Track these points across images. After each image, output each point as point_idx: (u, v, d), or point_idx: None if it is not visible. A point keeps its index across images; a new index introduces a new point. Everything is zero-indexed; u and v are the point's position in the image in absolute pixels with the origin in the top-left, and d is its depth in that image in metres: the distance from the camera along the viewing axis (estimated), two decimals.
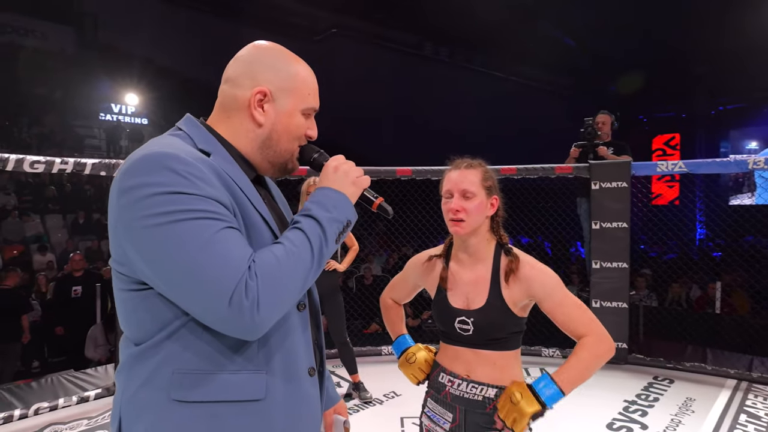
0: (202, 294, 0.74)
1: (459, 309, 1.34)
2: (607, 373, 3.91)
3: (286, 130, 0.93)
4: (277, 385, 0.85)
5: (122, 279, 0.82)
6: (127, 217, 0.76)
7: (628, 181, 4.06)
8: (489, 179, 1.35)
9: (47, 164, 2.96)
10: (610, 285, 4.08)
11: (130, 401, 0.81)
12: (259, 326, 0.77)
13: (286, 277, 0.79)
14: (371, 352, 4.37)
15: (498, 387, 1.31)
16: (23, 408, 3.02)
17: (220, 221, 0.77)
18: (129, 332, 0.84)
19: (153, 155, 0.77)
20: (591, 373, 1.25)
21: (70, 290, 5.33)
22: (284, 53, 0.95)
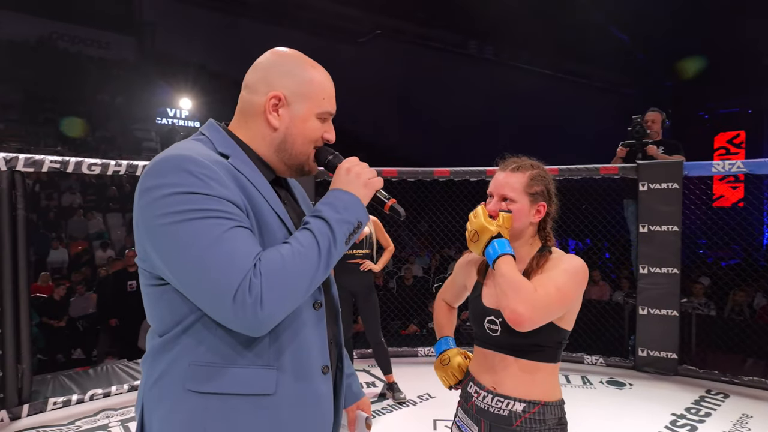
0: (208, 290, 0.78)
1: (490, 308, 1.28)
2: (655, 384, 3.73)
3: (301, 133, 0.95)
4: (287, 382, 0.87)
5: (145, 275, 0.88)
6: (146, 216, 0.81)
7: (679, 182, 3.84)
8: (537, 184, 1.27)
9: (103, 166, 3.17)
10: (659, 291, 3.88)
11: (151, 390, 0.87)
12: (263, 323, 0.80)
13: (291, 276, 0.81)
14: (408, 353, 4.37)
15: (527, 401, 1.22)
16: (80, 393, 3.25)
17: (231, 220, 0.80)
18: (153, 324, 0.90)
19: (170, 158, 0.82)
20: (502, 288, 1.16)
21: (126, 284, 5.66)
22: (300, 59, 0.97)
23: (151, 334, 0.90)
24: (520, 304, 1.13)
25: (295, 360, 0.89)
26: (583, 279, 1.24)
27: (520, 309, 1.13)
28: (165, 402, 0.85)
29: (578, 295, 1.24)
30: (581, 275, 1.23)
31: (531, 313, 1.12)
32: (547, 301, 1.15)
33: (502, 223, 1.23)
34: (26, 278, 2.96)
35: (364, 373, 3.92)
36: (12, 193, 2.88)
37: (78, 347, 6.02)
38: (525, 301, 1.14)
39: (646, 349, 3.92)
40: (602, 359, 4.10)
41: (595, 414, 3.18)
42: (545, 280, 1.20)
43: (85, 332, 6.12)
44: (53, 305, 6.09)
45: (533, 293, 1.15)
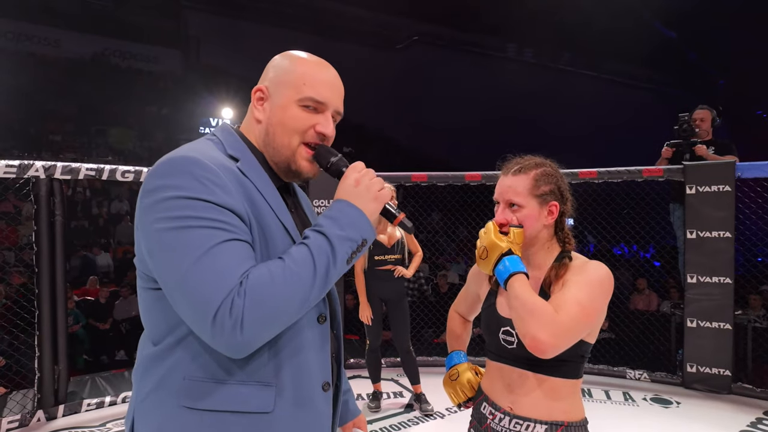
0: (189, 306, 0.74)
1: (505, 317, 1.19)
2: (707, 403, 3.44)
3: (281, 122, 0.89)
4: (286, 399, 0.83)
5: (142, 276, 0.84)
6: (144, 218, 0.78)
7: (731, 184, 3.55)
8: (544, 184, 1.16)
9: (136, 173, 3.26)
10: (710, 303, 3.59)
11: (143, 403, 0.83)
12: (243, 346, 0.74)
13: (278, 297, 0.75)
14: (438, 362, 4.25)
15: (549, 423, 1.12)
16: (114, 395, 3.34)
17: (227, 231, 0.76)
18: (147, 329, 0.86)
19: (176, 159, 0.79)
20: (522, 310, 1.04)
21: None
22: (294, 54, 0.93)
23: (144, 342, 0.87)
24: (540, 330, 1.02)
25: (295, 377, 0.85)
26: (608, 289, 1.12)
27: (541, 336, 1.02)
28: (156, 417, 0.81)
29: (604, 307, 1.12)
30: (606, 285, 1.12)
31: (554, 339, 1.02)
32: (571, 323, 1.04)
33: (514, 239, 1.14)
34: (63, 282, 3.07)
35: (392, 383, 3.84)
36: (51, 200, 3.01)
37: (121, 349, 6.27)
38: (545, 326, 1.03)
39: (695, 365, 3.63)
40: (647, 374, 3.83)
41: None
42: (566, 297, 1.08)
43: (128, 334, 6.35)
44: (99, 308, 6.37)
45: (554, 317, 1.04)
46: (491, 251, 1.14)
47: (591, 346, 1.15)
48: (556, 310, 1.05)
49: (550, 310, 1.05)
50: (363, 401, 3.45)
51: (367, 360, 3.36)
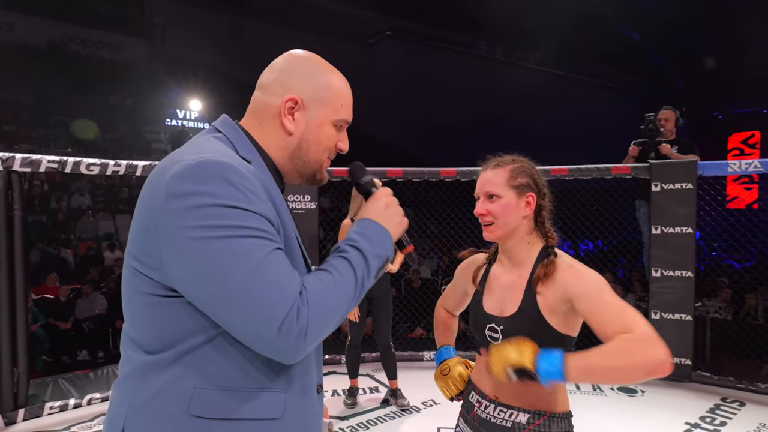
0: (251, 316, 0.72)
1: (491, 315, 1.23)
2: (669, 391, 3.59)
3: (316, 140, 0.91)
4: (293, 404, 0.84)
5: (147, 282, 0.79)
6: (174, 224, 0.73)
7: (693, 182, 3.71)
8: (520, 176, 1.22)
9: (102, 166, 3.13)
10: (672, 295, 3.74)
11: (140, 412, 0.78)
12: (302, 352, 0.76)
13: (333, 306, 0.79)
14: (413, 357, 4.28)
15: (531, 412, 1.16)
16: (78, 397, 3.21)
17: (270, 241, 0.76)
18: (143, 339, 0.80)
19: (209, 163, 0.76)
20: (615, 374, 1.00)
21: None
22: (319, 62, 0.94)
23: (132, 348, 0.81)
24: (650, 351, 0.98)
25: (301, 382, 0.86)
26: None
27: (657, 358, 0.98)
28: (160, 425, 0.77)
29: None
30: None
31: (661, 349, 0.98)
32: (635, 317, 1.04)
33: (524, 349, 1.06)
34: (23, 280, 2.92)
35: (368, 378, 3.84)
36: (8, 194, 2.85)
37: (83, 349, 6.03)
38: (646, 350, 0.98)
39: None
40: None
41: (605, 422, 3.06)
42: (607, 308, 1.06)
43: (91, 334, 6.12)
44: (59, 306, 6.11)
45: (638, 338, 1.00)
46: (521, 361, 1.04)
47: (575, 339, 1.19)
48: (624, 330, 1.02)
49: (629, 339, 1.00)
50: (339, 397, 3.44)
51: (347, 356, 3.35)
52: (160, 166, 0.81)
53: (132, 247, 0.80)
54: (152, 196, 0.77)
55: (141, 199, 0.81)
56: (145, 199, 0.80)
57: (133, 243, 0.80)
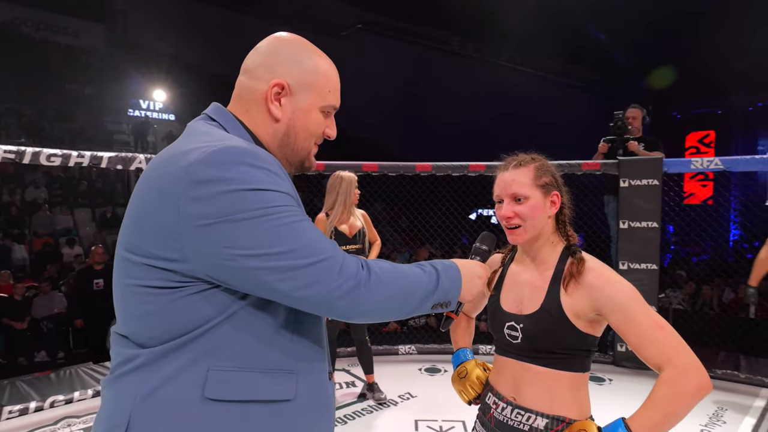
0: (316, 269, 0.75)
1: (510, 313, 1.19)
2: (635, 378, 3.74)
3: (304, 126, 0.90)
4: (305, 387, 0.84)
5: (158, 274, 0.76)
6: (204, 211, 0.73)
7: (659, 178, 3.85)
8: (545, 175, 1.17)
9: (63, 157, 2.97)
10: (638, 287, 3.85)
11: (148, 400, 0.75)
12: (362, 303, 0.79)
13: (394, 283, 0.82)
14: (388, 351, 4.28)
15: (550, 417, 1.10)
16: (40, 400, 3.06)
17: (302, 215, 0.80)
18: (150, 332, 0.78)
19: (231, 149, 0.76)
20: (677, 417, 0.98)
21: (92, 283, 5.41)
22: (306, 46, 0.91)
23: (132, 347, 0.79)
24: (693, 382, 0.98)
25: (313, 366, 0.87)
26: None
27: (704, 384, 0.99)
28: (174, 414, 0.75)
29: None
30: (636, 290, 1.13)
31: (701, 371, 0.99)
32: (674, 341, 1.03)
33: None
34: None
35: (344, 373, 3.82)
36: None
37: (42, 349, 5.75)
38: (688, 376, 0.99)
39: (625, 344, 3.93)
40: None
41: None
42: (644, 331, 1.05)
43: (50, 334, 5.84)
44: (14, 305, 5.79)
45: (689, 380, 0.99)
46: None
47: (598, 339, 1.15)
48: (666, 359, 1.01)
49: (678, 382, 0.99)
50: None
51: None
52: (166, 157, 0.79)
53: (133, 241, 0.79)
54: (165, 186, 0.75)
55: (144, 192, 0.79)
56: (151, 190, 0.77)
57: (136, 236, 0.78)
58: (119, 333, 0.82)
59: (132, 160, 3.28)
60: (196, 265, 0.75)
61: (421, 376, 3.78)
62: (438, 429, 2.89)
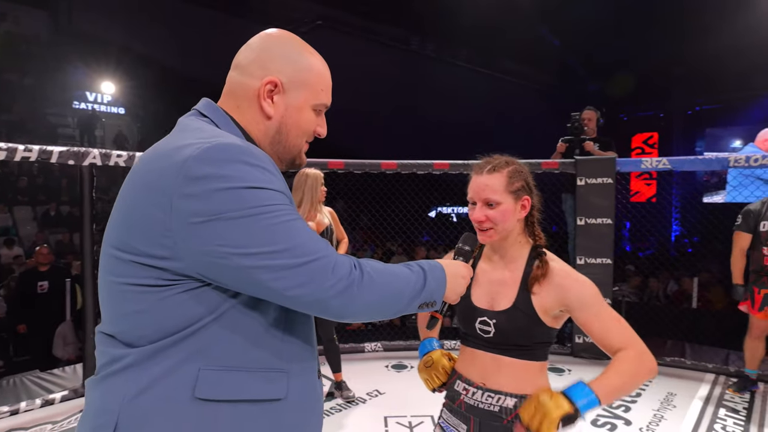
0: (303, 269, 0.74)
1: (482, 309, 1.26)
2: (592, 368, 3.91)
3: (296, 124, 0.90)
4: (295, 386, 0.85)
5: (147, 272, 0.75)
6: (197, 208, 0.72)
7: (613, 177, 4.04)
8: (517, 180, 1.24)
9: (9, 151, 2.77)
10: (594, 281, 4.04)
11: (138, 401, 0.74)
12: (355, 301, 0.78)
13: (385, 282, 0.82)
14: (354, 349, 4.28)
15: (518, 396, 1.21)
16: None
17: (295, 214, 0.79)
18: (140, 331, 0.76)
19: (225, 146, 0.76)
20: (629, 389, 1.14)
21: (36, 286, 5.09)
22: (299, 44, 0.92)
23: (119, 346, 0.78)
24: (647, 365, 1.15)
25: (302, 365, 0.87)
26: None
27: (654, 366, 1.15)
28: (164, 413, 0.75)
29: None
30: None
31: (652, 359, 1.16)
32: (630, 332, 1.19)
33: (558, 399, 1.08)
34: None
35: None
36: None
37: None
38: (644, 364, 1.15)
39: (582, 336, 4.11)
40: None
41: None
42: (606, 324, 1.20)
43: None
44: None
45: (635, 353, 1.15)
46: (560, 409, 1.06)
47: (556, 331, 1.26)
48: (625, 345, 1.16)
49: (635, 359, 1.14)
50: None
51: None
52: (158, 153, 0.78)
53: (121, 238, 0.77)
54: (156, 182, 0.74)
55: (133, 188, 0.78)
56: (142, 186, 0.76)
57: (124, 233, 0.77)
58: (105, 332, 0.80)
59: (85, 155, 3.11)
60: (188, 263, 0.74)
61: (388, 373, 3.80)
62: (407, 424, 2.92)
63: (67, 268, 5.91)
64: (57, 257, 6.63)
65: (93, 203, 3.15)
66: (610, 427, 2.95)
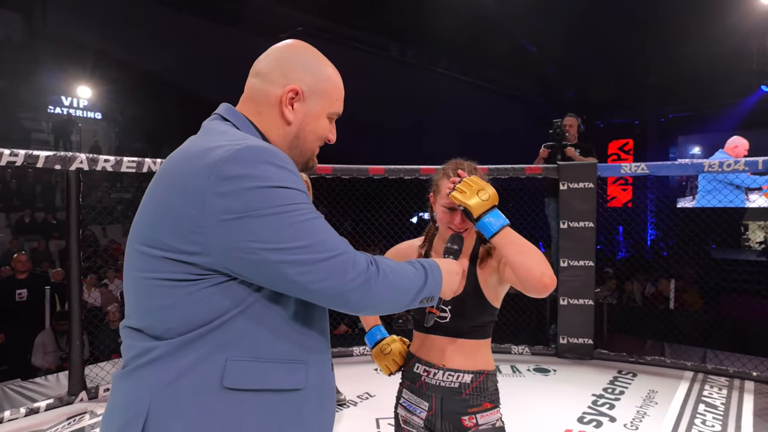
0: (325, 264, 0.79)
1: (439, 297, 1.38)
2: (575, 368, 4.01)
3: (313, 130, 0.96)
4: (313, 377, 0.89)
5: (176, 267, 0.79)
6: (228, 206, 0.76)
7: (594, 182, 4.17)
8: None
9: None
10: (577, 283, 4.18)
11: (169, 391, 0.78)
12: (372, 294, 0.84)
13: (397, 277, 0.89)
14: (342, 353, 4.29)
15: (473, 372, 1.39)
16: None
17: (316, 213, 0.84)
18: (160, 324, 0.81)
19: (254, 148, 0.80)
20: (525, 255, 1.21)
21: (13, 294, 4.95)
22: (318, 55, 0.99)
23: (147, 340, 0.81)
24: (547, 269, 1.21)
25: (319, 357, 0.92)
26: None
27: (548, 274, 1.20)
28: (195, 402, 0.79)
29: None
30: None
31: (554, 278, 1.22)
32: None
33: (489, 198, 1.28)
34: None
35: None
36: None
37: None
38: (548, 267, 1.21)
39: (566, 337, 4.21)
40: (527, 348, 4.34)
41: (526, 400, 3.34)
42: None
43: None
44: None
45: (545, 258, 1.25)
46: (491, 197, 1.26)
47: (497, 310, 1.43)
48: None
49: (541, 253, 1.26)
50: None
51: None
52: (187, 154, 0.83)
53: (151, 234, 0.81)
54: (187, 182, 0.78)
55: (163, 188, 0.82)
56: (173, 186, 0.80)
57: (154, 230, 0.81)
58: (132, 327, 0.83)
59: (72, 159, 3.06)
60: (217, 258, 0.78)
61: (378, 376, 3.81)
62: None
63: (45, 276, 5.76)
64: (34, 264, 6.45)
65: (80, 209, 3.11)
66: (596, 423, 3.03)
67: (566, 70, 13.24)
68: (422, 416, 1.41)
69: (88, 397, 3.21)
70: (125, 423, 0.78)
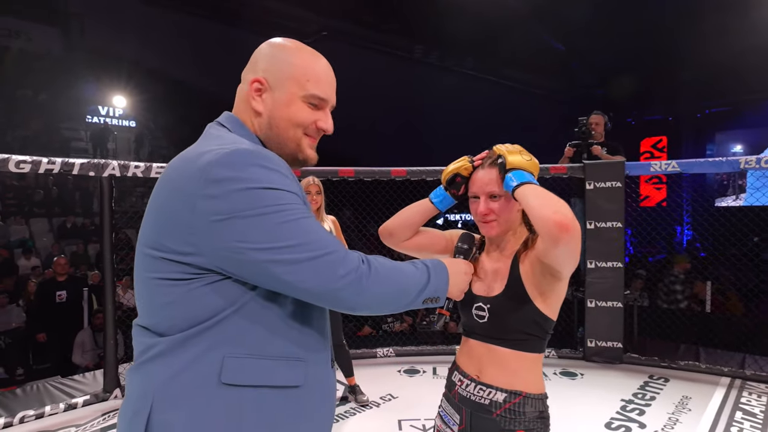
0: (316, 262, 0.80)
1: (478, 295, 1.29)
2: (604, 372, 3.91)
3: (285, 117, 0.94)
4: (312, 374, 0.90)
5: (174, 267, 0.82)
6: (217, 207, 0.78)
7: (622, 181, 4.06)
8: None
9: (33, 164, 2.87)
10: (605, 285, 4.08)
11: (169, 385, 0.81)
12: (364, 292, 0.84)
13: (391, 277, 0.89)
14: (366, 354, 4.31)
15: (509, 392, 1.23)
16: (8, 416, 2.92)
17: (308, 213, 0.85)
18: (170, 321, 0.84)
19: (243, 151, 0.82)
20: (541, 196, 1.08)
21: (54, 295, 5.19)
22: (289, 44, 0.97)
23: (152, 336, 0.85)
24: (564, 209, 1.05)
25: (318, 355, 0.93)
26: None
27: (565, 211, 1.04)
28: (193, 397, 0.82)
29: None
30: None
31: (573, 220, 1.04)
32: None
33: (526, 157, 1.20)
34: None
35: None
36: None
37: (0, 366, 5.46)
38: (567, 208, 1.06)
39: (594, 340, 4.11)
40: (554, 352, 4.25)
41: (552, 404, 3.25)
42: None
43: (9, 349, 5.55)
44: None
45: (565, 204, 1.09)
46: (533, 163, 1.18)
47: (553, 324, 1.25)
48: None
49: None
50: None
51: None
52: (184, 159, 0.86)
53: (153, 237, 0.85)
54: (182, 185, 0.82)
55: (162, 192, 0.86)
56: (169, 190, 0.84)
57: (155, 233, 0.85)
58: (141, 325, 0.88)
59: (105, 166, 3.20)
60: (209, 258, 0.81)
61: (401, 377, 3.83)
62: (421, 428, 2.94)
63: (84, 278, 6.02)
64: (73, 267, 6.75)
65: (113, 213, 3.24)
66: (625, 429, 2.95)
67: (594, 67, 12.91)
68: (455, 429, 1.30)
69: (122, 394, 3.34)
70: (134, 414, 0.83)
